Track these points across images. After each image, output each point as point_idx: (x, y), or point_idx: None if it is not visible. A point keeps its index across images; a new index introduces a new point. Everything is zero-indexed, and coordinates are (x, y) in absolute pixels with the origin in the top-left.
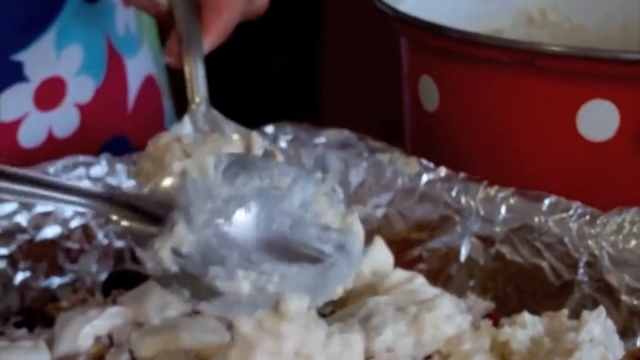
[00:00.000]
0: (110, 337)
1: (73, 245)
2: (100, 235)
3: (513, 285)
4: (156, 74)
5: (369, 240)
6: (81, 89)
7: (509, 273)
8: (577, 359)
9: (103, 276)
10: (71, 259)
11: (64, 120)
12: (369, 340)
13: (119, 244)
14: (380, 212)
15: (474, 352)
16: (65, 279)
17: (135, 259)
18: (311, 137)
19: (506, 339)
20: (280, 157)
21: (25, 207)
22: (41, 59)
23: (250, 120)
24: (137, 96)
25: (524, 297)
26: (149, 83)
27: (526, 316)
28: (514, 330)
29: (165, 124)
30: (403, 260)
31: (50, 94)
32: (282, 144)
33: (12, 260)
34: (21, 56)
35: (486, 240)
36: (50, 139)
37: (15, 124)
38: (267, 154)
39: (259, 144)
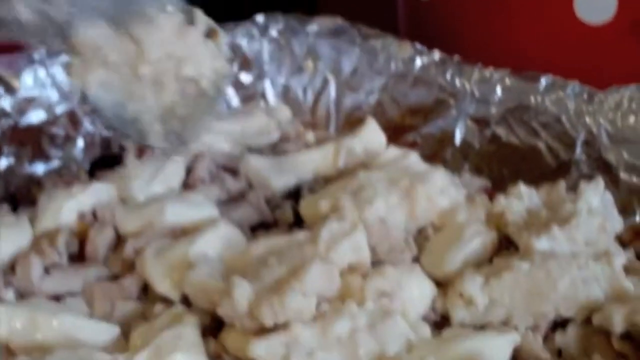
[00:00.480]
0: (94, 213)
1: (58, 131)
2: (86, 123)
3: (509, 168)
4: None
5: (361, 121)
6: None
7: (504, 155)
8: (575, 226)
9: (88, 164)
10: (56, 145)
11: None
12: (360, 210)
13: (106, 132)
14: (373, 99)
15: (468, 222)
16: (51, 165)
17: (122, 147)
18: (302, 25)
19: (501, 210)
20: (223, 37)
21: (9, 91)
22: None
23: (244, 12)
24: None
25: (520, 179)
26: None
27: (522, 188)
28: (509, 201)
29: None
30: (398, 146)
31: None
32: (273, 33)
33: None
34: None
35: (481, 122)
36: None
37: None
38: (211, 32)
39: (201, 20)
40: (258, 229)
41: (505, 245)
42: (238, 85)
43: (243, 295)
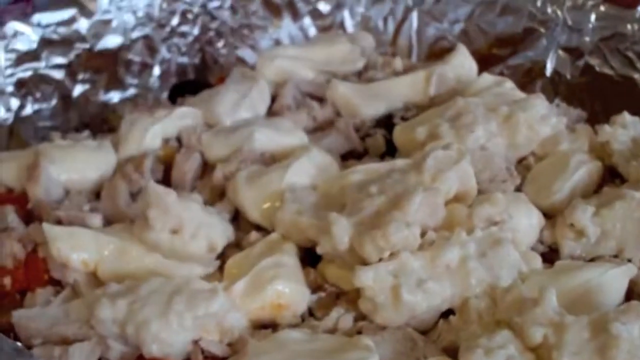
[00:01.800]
0: (179, 138)
1: (134, 57)
2: (163, 49)
3: (603, 100)
4: None
5: (449, 52)
6: None
7: (598, 87)
8: None
9: (166, 93)
10: (132, 72)
11: None
12: (459, 138)
13: (183, 59)
14: (457, 28)
15: (572, 152)
16: (127, 94)
17: (200, 76)
18: None
19: (606, 139)
20: None
21: (85, 13)
22: None
23: None
24: None
25: (613, 113)
26: None
27: (627, 116)
28: (614, 130)
29: None
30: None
31: None
32: None
33: (71, 71)
34: None
35: (574, 52)
36: None
37: None
38: None
39: None
40: (348, 157)
41: (610, 177)
42: (315, 15)
43: (343, 233)
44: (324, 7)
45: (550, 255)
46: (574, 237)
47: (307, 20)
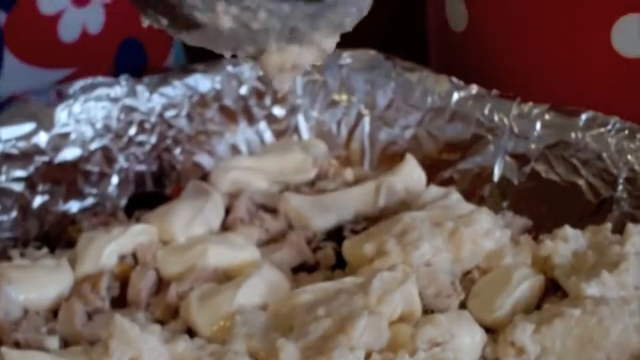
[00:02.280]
0: (134, 255)
1: (93, 168)
2: (121, 159)
3: (549, 205)
4: None
5: (399, 159)
6: None
7: (544, 192)
8: (624, 270)
9: (124, 201)
10: (91, 182)
11: (94, 16)
12: (405, 255)
13: (140, 167)
14: (409, 133)
15: (515, 266)
16: (85, 203)
17: (157, 183)
18: (336, 58)
19: (548, 253)
20: None
21: (44, 127)
22: None
23: None
24: None
25: (560, 217)
26: None
27: (568, 230)
28: (555, 244)
29: None
30: (434, 183)
31: None
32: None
33: (31, 183)
34: None
35: (521, 159)
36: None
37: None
38: None
39: None
40: (299, 270)
41: (552, 289)
42: (271, 119)
43: (290, 358)
44: (278, 112)
45: None
46: (515, 354)
47: (262, 125)
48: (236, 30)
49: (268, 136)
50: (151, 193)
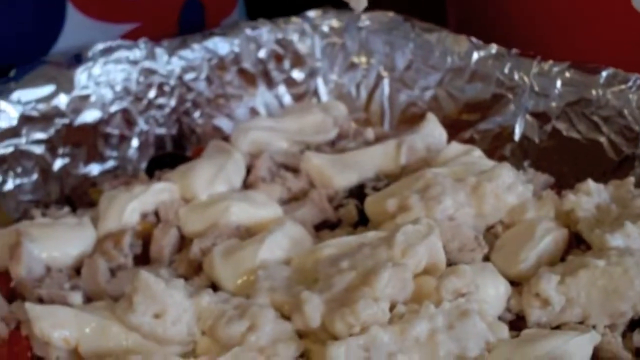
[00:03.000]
0: (156, 213)
1: (113, 130)
2: (141, 122)
3: (570, 163)
4: None
5: (419, 120)
6: None
7: (565, 150)
8: None
9: (144, 164)
10: (111, 145)
11: None
12: (428, 209)
13: (160, 130)
14: (428, 94)
15: (538, 220)
16: (106, 166)
17: (177, 146)
18: (354, 20)
19: (571, 207)
20: None
21: (64, 89)
22: None
23: (295, 6)
24: None
25: (582, 175)
26: None
27: (590, 184)
28: (578, 198)
29: None
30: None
31: None
32: (325, 28)
33: (51, 146)
34: None
35: (541, 117)
36: None
37: None
38: None
39: None
40: (322, 227)
41: (576, 243)
42: (290, 83)
43: (315, 311)
44: (297, 75)
45: (518, 322)
46: (540, 305)
47: (281, 89)
48: None
49: (287, 99)
50: (171, 155)
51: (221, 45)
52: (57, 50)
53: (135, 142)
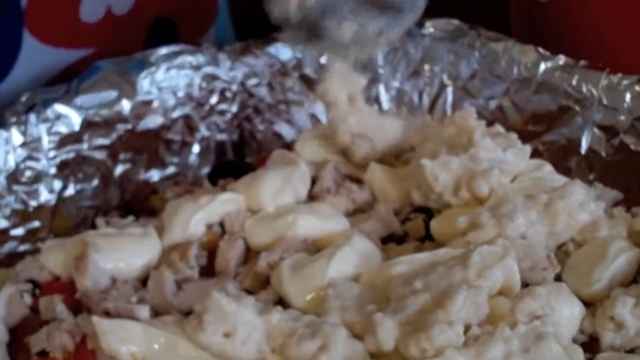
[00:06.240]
0: (222, 224)
1: (175, 136)
2: (202, 128)
3: (637, 178)
4: None
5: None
6: None
7: (633, 165)
8: None
9: (205, 170)
10: (172, 151)
11: None
12: (500, 227)
13: (221, 136)
14: (493, 104)
15: (611, 239)
16: (167, 172)
17: (238, 153)
18: (418, 27)
19: None
20: None
21: (127, 95)
22: None
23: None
24: None
25: None
26: None
27: None
28: None
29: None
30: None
31: None
32: None
33: (113, 152)
34: None
35: (609, 131)
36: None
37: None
38: None
39: None
40: (388, 240)
41: None
42: None
43: (388, 334)
44: None
45: (591, 344)
46: (614, 328)
47: None
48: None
49: None
50: (233, 162)
51: (283, 51)
52: (13, 77)
53: (196, 148)
